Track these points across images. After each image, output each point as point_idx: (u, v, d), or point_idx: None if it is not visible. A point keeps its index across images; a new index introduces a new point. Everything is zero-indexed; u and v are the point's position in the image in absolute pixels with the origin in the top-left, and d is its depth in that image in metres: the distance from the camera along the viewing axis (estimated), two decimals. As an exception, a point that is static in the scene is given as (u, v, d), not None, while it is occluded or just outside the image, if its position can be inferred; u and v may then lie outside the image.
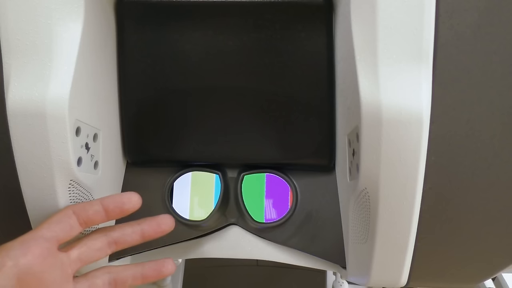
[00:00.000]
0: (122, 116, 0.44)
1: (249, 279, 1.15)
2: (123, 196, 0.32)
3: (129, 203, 0.32)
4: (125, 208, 0.32)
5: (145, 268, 0.34)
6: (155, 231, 0.34)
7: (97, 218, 0.32)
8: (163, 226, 0.34)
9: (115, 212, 0.32)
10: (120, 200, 0.32)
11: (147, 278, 0.33)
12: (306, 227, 0.44)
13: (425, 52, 0.31)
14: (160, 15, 0.40)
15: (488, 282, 0.81)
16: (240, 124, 0.43)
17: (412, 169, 0.31)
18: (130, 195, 0.32)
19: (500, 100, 0.32)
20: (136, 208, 0.32)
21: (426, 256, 0.36)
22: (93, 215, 0.32)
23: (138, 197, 0.33)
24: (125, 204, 0.32)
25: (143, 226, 0.34)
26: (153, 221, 0.34)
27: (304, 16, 0.40)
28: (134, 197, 0.32)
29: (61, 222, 0.31)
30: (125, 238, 0.33)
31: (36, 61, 0.31)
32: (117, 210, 0.32)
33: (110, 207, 0.32)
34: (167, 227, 0.34)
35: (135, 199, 0.32)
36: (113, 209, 0.32)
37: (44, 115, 0.31)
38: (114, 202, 0.32)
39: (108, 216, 0.32)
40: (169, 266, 0.34)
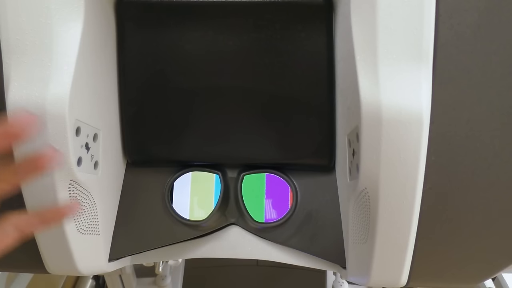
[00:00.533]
0: (122, 116, 0.44)
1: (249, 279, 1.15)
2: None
3: (23, 134, 0.26)
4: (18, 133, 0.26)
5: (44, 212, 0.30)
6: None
7: None
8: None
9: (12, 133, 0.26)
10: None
11: (47, 222, 0.30)
12: (306, 227, 0.44)
13: (425, 52, 0.31)
14: (160, 15, 0.40)
15: (488, 282, 0.81)
16: (240, 124, 0.43)
17: (412, 169, 0.31)
18: None
19: (500, 100, 0.32)
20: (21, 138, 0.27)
21: (426, 256, 0.36)
22: None
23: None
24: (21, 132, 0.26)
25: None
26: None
27: (304, 16, 0.40)
28: None
29: None
30: None
31: (36, 61, 0.31)
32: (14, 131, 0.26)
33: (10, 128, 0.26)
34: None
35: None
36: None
37: (44, 115, 0.31)
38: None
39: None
40: (69, 209, 0.30)
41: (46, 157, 0.28)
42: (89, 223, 0.38)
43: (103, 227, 0.41)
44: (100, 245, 0.41)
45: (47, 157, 0.28)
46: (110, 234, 0.43)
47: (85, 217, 0.37)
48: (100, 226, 0.40)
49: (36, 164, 0.28)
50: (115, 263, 0.44)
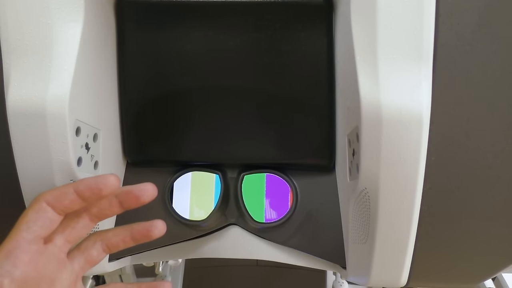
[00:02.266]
0: (122, 116, 0.44)
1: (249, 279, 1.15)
2: (99, 182, 0.29)
3: (105, 188, 0.29)
4: (103, 193, 0.29)
5: (133, 231, 0.32)
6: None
7: (75, 206, 0.30)
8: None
9: (92, 198, 0.29)
10: (96, 187, 0.29)
11: (137, 241, 0.32)
12: (306, 227, 0.44)
13: (425, 52, 0.31)
14: (160, 15, 0.40)
15: (488, 282, 0.81)
16: (240, 124, 0.43)
17: (412, 169, 0.31)
18: (106, 179, 0.29)
19: (500, 100, 0.32)
20: (113, 190, 0.29)
21: (426, 256, 0.36)
22: (69, 205, 0.29)
23: (115, 178, 0.29)
24: (102, 190, 0.29)
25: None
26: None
27: (304, 16, 0.40)
28: (111, 179, 0.29)
29: (40, 219, 0.29)
30: (104, 211, 0.32)
31: (36, 61, 0.31)
32: (94, 197, 0.29)
33: (86, 195, 0.29)
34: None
35: (111, 181, 0.29)
36: (90, 196, 0.29)
37: (44, 115, 0.31)
38: (90, 189, 0.29)
39: (86, 202, 0.30)
40: (157, 229, 0.32)
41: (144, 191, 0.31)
42: (89, 223, 0.38)
43: (103, 227, 0.40)
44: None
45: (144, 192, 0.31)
46: (110, 234, 0.43)
47: (85, 217, 0.37)
48: (100, 226, 0.40)
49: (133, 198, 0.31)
50: (115, 263, 0.44)
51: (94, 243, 0.33)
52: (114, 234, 0.33)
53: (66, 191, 0.29)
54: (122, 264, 0.46)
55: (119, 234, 0.33)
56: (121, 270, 0.89)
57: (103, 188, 0.29)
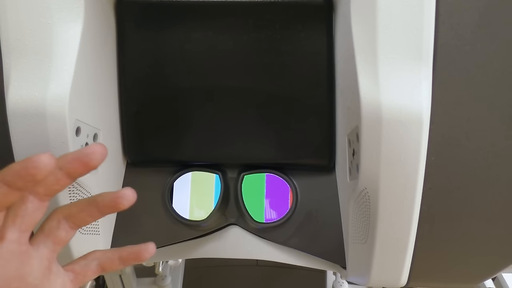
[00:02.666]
0: (122, 116, 0.44)
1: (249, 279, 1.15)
2: (28, 166, 0.24)
3: (39, 172, 0.24)
4: (38, 178, 0.25)
5: (99, 203, 0.29)
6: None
7: (10, 199, 0.26)
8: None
9: (28, 186, 0.25)
10: (26, 173, 0.24)
11: (104, 212, 0.30)
12: (306, 227, 0.44)
13: (425, 52, 0.31)
14: (160, 15, 0.40)
15: (488, 282, 0.81)
16: (240, 124, 0.43)
17: (412, 169, 0.31)
18: (36, 161, 0.24)
19: (500, 100, 0.32)
20: (50, 169, 0.25)
21: (426, 256, 0.36)
22: (2, 198, 0.26)
23: (49, 156, 0.24)
24: (35, 175, 0.24)
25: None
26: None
27: (304, 16, 0.40)
28: (43, 160, 0.24)
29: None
30: (53, 187, 0.28)
31: (36, 61, 0.31)
32: (30, 184, 0.25)
33: (18, 184, 0.25)
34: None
35: (44, 162, 0.24)
36: (23, 184, 0.25)
37: (44, 115, 0.31)
38: (20, 177, 0.25)
39: (22, 190, 0.26)
40: (126, 197, 0.30)
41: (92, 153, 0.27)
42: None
43: (103, 227, 0.41)
44: (100, 245, 0.41)
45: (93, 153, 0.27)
46: (110, 234, 0.43)
47: (85, 217, 0.37)
48: (100, 226, 0.40)
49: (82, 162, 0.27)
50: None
51: (58, 223, 0.29)
52: (78, 209, 0.30)
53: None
54: (122, 264, 0.46)
55: (84, 209, 0.29)
56: (121, 270, 0.89)
57: (36, 173, 0.24)
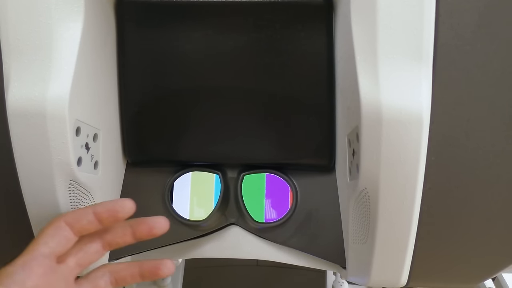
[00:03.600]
0: (122, 116, 0.44)
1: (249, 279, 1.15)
2: (116, 204, 0.32)
3: (122, 211, 0.32)
4: (119, 216, 0.32)
5: (143, 268, 0.34)
6: (147, 233, 0.33)
7: (91, 227, 0.32)
8: (155, 229, 0.33)
9: (109, 220, 0.32)
10: (113, 209, 0.31)
11: (144, 277, 0.34)
12: (306, 227, 0.44)
13: (425, 52, 0.31)
14: (160, 15, 0.40)
15: (488, 282, 0.81)
16: (240, 124, 0.43)
17: (412, 169, 0.31)
18: (123, 202, 0.32)
19: (500, 100, 0.32)
20: (130, 214, 0.32)
21: (426, 256, 0.36)
22: (87, 225, 0.31)
23: (132, 203, 0.32)
24: (118, 212, 0.31)
25: (134, 228, 0.33)
26: (145, 223, 0.33)
27: (304, 16, 0.40)
28: (128, 204, 0.32)
29: (57, 236, 0.30)
30: (117, 240, 0.33)
31: (36, 61, 0.31)
32: (111, 219, 0.32)
33: (104, 216, 0.31)
34: (160, 230, 0.33)
35: (128, 205, 0.32)
36: (107, 218, 0.31)
37: (44, 115, 0.31)
38: (107, 211, 0.31)
39: (102, 224, 0.32)
40: (166, 268, 0.33)
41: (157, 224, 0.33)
42: (89, 223, 0.38)
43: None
44: (100, 245, 0.41)
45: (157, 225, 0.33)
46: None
47: (85, 217, 0.37)
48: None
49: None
50: (115, 262, 0.44)
51: (103, 275, 0.34)
52: (123, 269, 0.34)
53: (85, 212, 0.31)
54: (122, 264, 0.46)
55: (128, 269, 0.34)
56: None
57: (120, 211, 0.31)
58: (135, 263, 0.34)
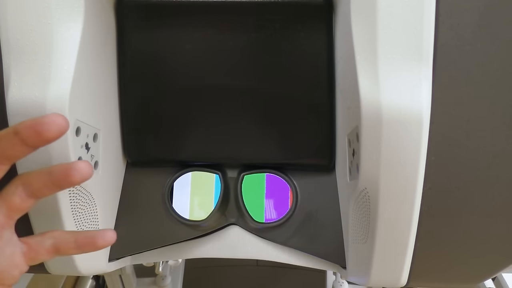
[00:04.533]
0: (122, 116, 0.44)
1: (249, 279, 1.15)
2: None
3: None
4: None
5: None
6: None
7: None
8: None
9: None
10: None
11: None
12: (306, 227, 0.44)
13: (425, 52, 0.31)
14: (160, 15, 0.40)
15: (488, 282, 0.81)
16: (240, 124, 0.43)
17: (412, 169, 0.31)
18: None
19: (500, 100, 0.32)
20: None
21: (426, 256, 0.36)
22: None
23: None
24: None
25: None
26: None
27: (304, 16, 0.40)
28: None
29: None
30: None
31: (36, 61, 0.31)
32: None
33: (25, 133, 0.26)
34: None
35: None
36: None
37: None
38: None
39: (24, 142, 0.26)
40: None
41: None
42: (89, 223, 0.38)
43: (103, 227, 0.41)
44: (100, 245, 0.41)
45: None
46: (110, 234, 0.43)
47: (85, 217, 0.37)
48: (100, 226, 0.40)
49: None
50: (115, 263, 0.44)
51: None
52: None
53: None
54: (122, 264, 0.46)
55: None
56: (121, 270, 0.90)
57: (48, 130, 0.25)
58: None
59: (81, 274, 0.36)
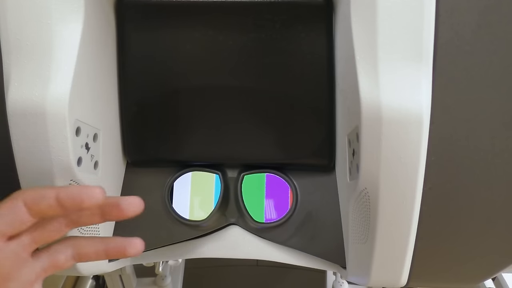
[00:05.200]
0: (122, 116, 0.44)
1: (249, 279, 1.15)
2: (82, 192, 0.27)
3: (88, 201, 0.27)
4: (85, 205, 0.27)
5: (109, 245, 0.30)
6: (117, 214, 0.29)
7: (52, 212, 0.28)
8: (126, 211, 0.29)
9: (72, 208, 0.27)
10: (78, 197, 0.27)
11: (110, 255, 0.30)
12: (306, 227, 0.44)
13: (425, 52, 0.31)
14: (160, 15, 0.40)
15: (488, 282, 0.81)
16: (240, 124, 0.43)
17: (412, 169, 0.31)
18: (91, 191, 0.27)
19: (500, 100, 0.32)
20: (97, 204, 0.28)
21: (426, 256, 0.36)
22: (46, 209, 0.27)
23: (101, 192, 0.27)
24: (83, 201, 0.27)
25: (104, 208, 0.30)
26: (116, 204, 0.29)
27: (304, 16, 0.40)
28: (96, 192, 0.27)
29: (9, 216, 0.27)
30: (83, 219, 0.30)
31: (36, 61, 0.31)
32: (74, 207, 0.27)
33: (67, 203, 0.27)
34: (131, 211, 0.29)
35: (96, 195, 0.27)
36: (70, 205, 0.27)
37: (44, 115, 0.31)
38: (71, 198, 0.27)
39: (65, 211, 0.28)
40: (133, 249, 0.30)
41: None
42: (89, 223, 0.38)
43: (103, 227, 0.41)
44: (100, 245, 0.41)
45: None
46: (110, 234, 0.43)
47: (85, 217, 0.37)
48: (100, 226, 0.40)
49: None
50: (115, 263, 0.44)
51: (65, 248, 0.30)
52: (88, 244, 0.31)
53: (46, 194, 0.27)
54: (122, 264, 0.46)
55: (93, 245, 0.30)
56: (121, 270, 0.89)
57: (85, 200, 0.27)
58: (101, 238, 0.31)
59: (81, 274, 0.36)
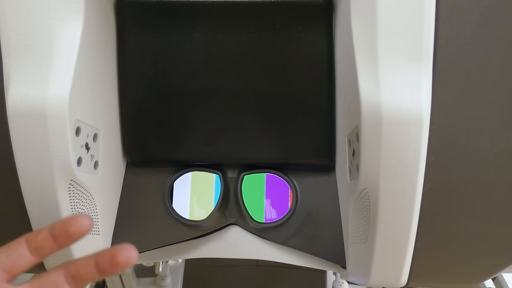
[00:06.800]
0: (122, 116, 0.44)
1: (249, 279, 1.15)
2: (70, 218, 0.27)
3: (74, 225, 0.27)
4: (70, 230, 0.27)
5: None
6: (109, 264, 0.27)
7: (46, 245, 0.28)
8: (119, 257, 0.27)
9: (61, 236, 0.27)
10: (65, 222, 0.27)
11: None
12: (306, 227, 0.44)
13: (425, 52, 0.31)
14: (160, 15, 0.40)
15: (488, 282, 0.81)
16: (240, 124, 0.43)
17: (412, 169, 0.31)
18: (77, 217, 0.27)
19: (500, 100, 0.32)
20: (83, 231, 0.27)
21: (426, 256, 0.36)
22: (41, 242, 0.27)
23: (87, 220, 0.27)
24: (70, 226, 0.27)
25: (97, 257, 0.28)
26: (107, 252, 0.27)
27: (304, 16, 0.40)
28: (82, 219, 0.27)
29: (9, 250, 0.27)
30: (80, 271, 0.28)
31: (36, 61, 0.31)
32: (63, 234, 0.27)
33: (56, 230, 0.27)
34: (125, 258, 0.27)
35: (82, 221, 0.27)
36: (59, 232, 0.27)
37: (44, 115, 0.31)
38: (60, 224, 0.27)
39: (56, 241, 0.27)
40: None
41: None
42: (89, 223, 0.38)
43: (103, 227, 0.41)
44: (100, 245, 0.41)
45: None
46: (110, 234, 0.43)
47: (85, 217, 0.37)
48: (100, 226, 0.40)
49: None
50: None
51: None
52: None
53: (43, 228, 0.28)
54: (122, 264, 0.45)
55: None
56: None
57: (71, 224, 0.27)
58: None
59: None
